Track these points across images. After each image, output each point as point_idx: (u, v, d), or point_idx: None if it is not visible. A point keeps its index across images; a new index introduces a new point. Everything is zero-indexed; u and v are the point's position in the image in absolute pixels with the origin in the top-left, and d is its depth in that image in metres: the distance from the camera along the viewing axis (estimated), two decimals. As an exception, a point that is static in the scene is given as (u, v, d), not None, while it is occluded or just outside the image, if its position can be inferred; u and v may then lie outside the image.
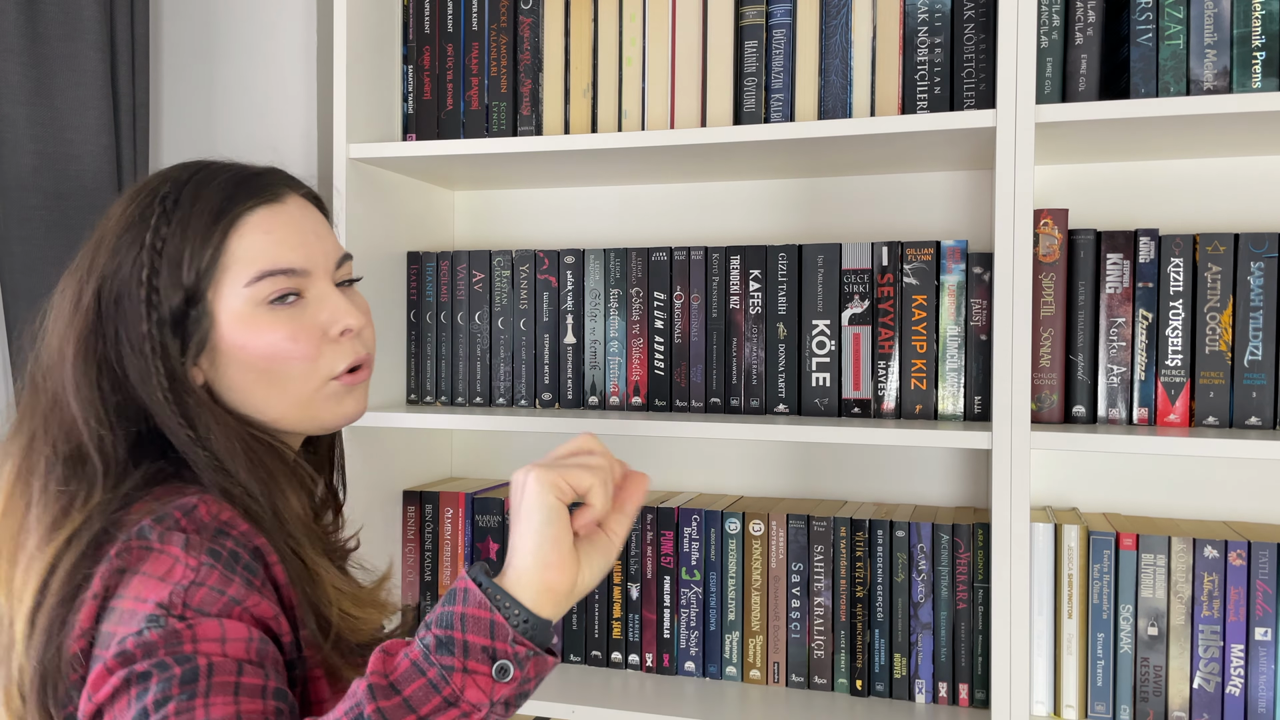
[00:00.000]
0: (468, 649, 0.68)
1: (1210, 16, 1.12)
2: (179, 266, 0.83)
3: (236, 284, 0.84)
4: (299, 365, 0.86)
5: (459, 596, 0.70)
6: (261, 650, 0.74)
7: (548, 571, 0.71)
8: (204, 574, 0.74)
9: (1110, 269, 1.21)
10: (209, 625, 0.72)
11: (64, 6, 1.45)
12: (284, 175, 0.91)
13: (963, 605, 1.26)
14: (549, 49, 1.36)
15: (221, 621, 0.73)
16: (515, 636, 0.69)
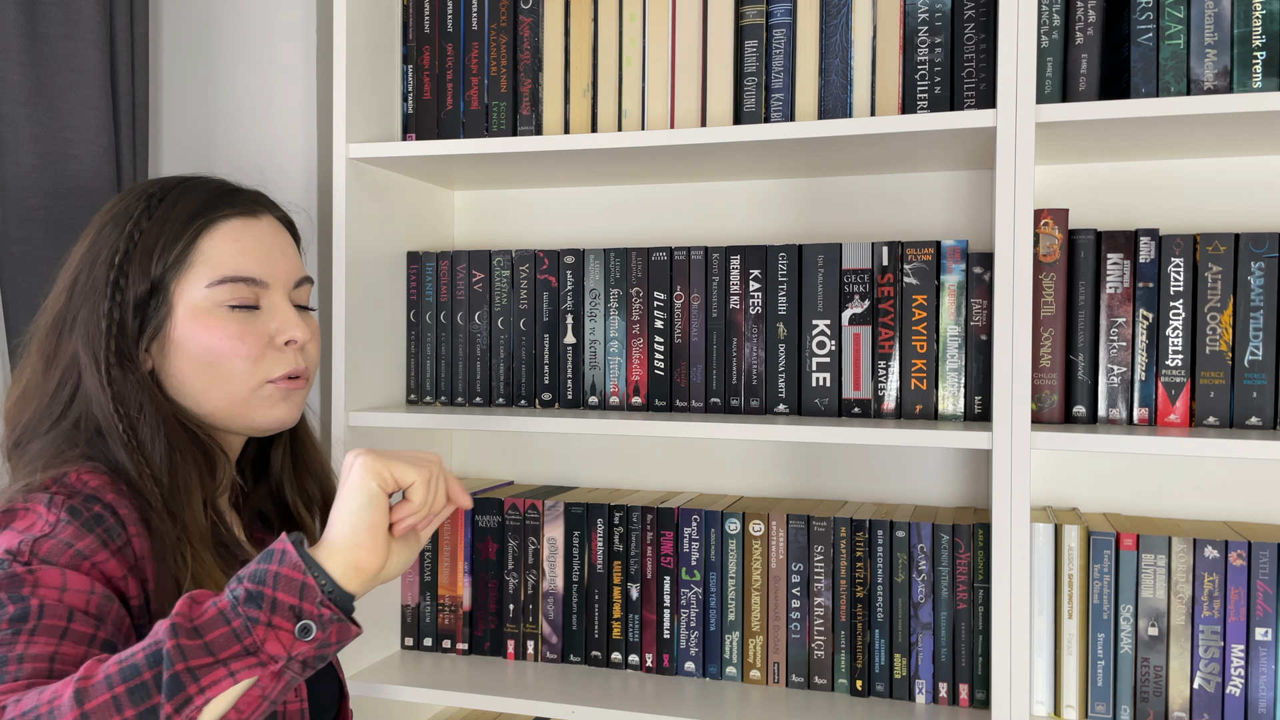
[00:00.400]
0: (275, 605, 0.72)
1: (1210, 16, 1.12)
2: (150, 256, 0.91)
3: (199, 282, 0.92)
4: (240, 364, 0.93)
5: (275, 557, 0.74)
6: (102, 606, 0.79)
7: (359, 551, 0.77)
8: (59, 529, 0.81)
9: (1110, 269, 1.21)
10: (51, 573, 0.78)
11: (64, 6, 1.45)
12: (264, 196, 1.01)
13: (963, 605, 1.26)
14: (549, 49, 1.36)
15: (64, 572, 0.78)
16: (323, 600, 0.73)
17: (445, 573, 1.46)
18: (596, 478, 1.58)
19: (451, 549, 1.46)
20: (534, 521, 1.42)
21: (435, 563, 1.46)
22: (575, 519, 1.41)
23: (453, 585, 1.46)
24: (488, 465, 1.63)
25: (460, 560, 1.45)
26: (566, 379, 1.41)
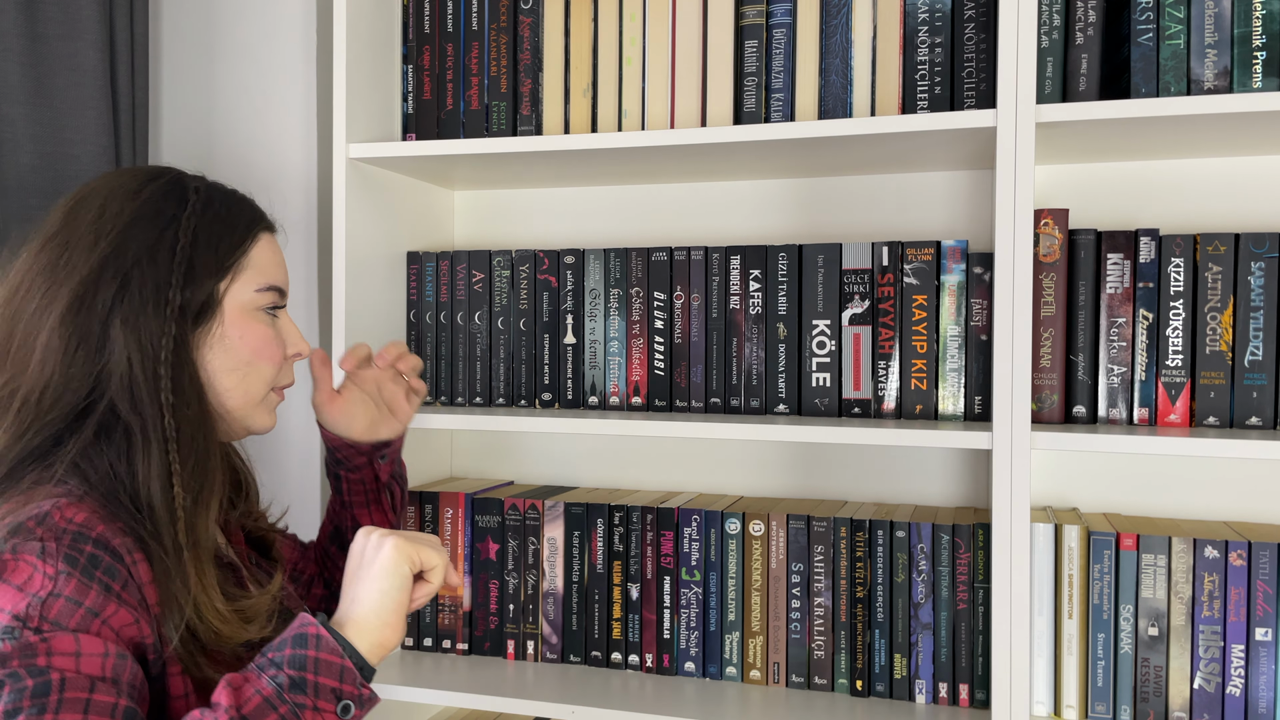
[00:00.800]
0: (318, 690, 0.78)
1: (1211, 16, 1.12)
2: (214, 251, 0.92)
3: (249, 285, 0.95)
4: (268, 368, 0.97)
5: (311, 642, 0.80)
6: (117, 667, 0.78)
7: (386, 630, 0.84)
8: (61, 584, 0.77)
9: (1111, 269, 1.21)
10: (64, 639, 0.76)
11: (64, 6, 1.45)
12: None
13: (963, 605, 1.26)
14: (549, 49, 1.36)
15: (77, 637, 0.77)
16: (360, 681, 0.80)
17: (445, 573, 1.46)
18: (596, 478, 1.58)
19: (451, 549, 1.46)
20: (534, 521, 1.42)
21: (435, 563, 1.46)
22: (575, 519, 1.41)
23: (453, 585, 1.46)
24: (488, 465, 1.63)
25: (460, 560, 1.45)
26: (566, 379, 1.41)
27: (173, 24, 1.73)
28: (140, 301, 0.88)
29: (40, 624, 0.76)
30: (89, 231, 0.89)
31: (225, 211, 0.95)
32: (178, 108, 1.73)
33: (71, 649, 0.76)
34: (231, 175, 1.69)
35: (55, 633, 0.76)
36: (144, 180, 0.94)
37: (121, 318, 0.87)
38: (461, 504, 1.46)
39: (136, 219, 0.90)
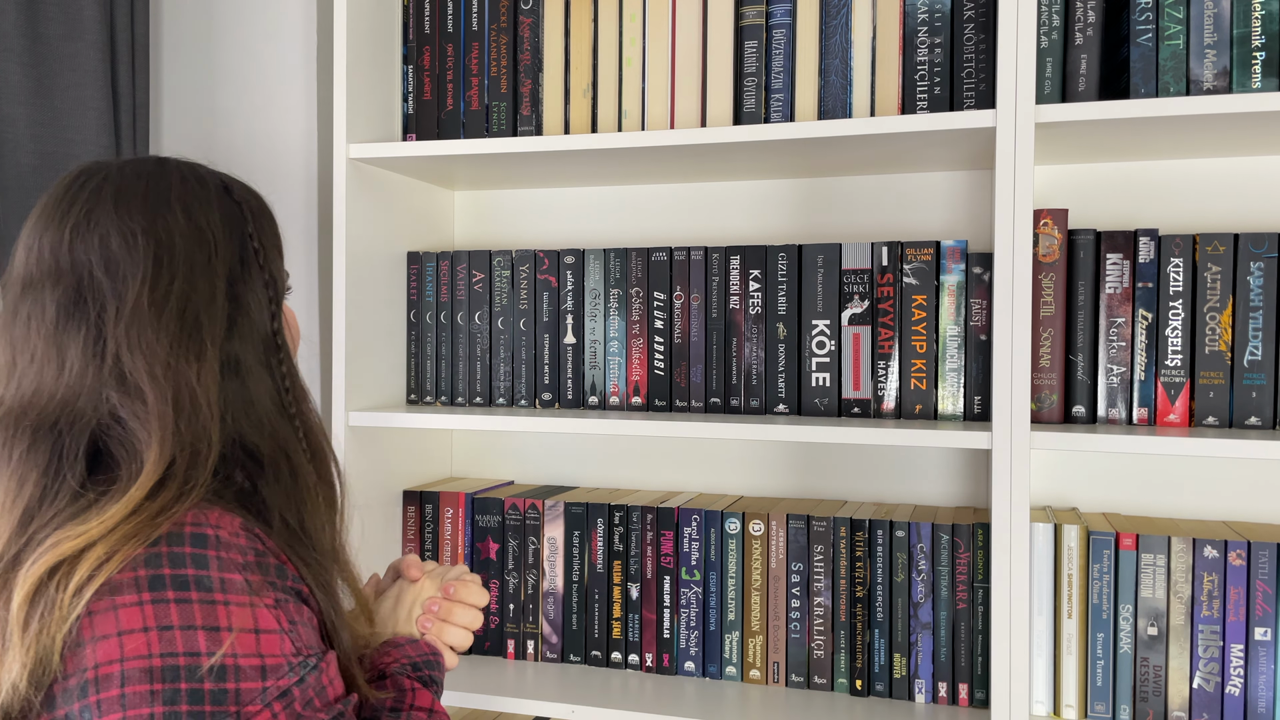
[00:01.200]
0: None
1: (1210, 16, 1.12)
2: (276, 252, 0.91)
3: (286, 277, 0.93)
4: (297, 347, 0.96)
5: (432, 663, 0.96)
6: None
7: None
8: (284, 602, 0.77)
9: (1110, 269, 1.21)
10: (330, 662, 0.78)
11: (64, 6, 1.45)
12: None
13: (963, 605, 1.26)
14: (549, 49, 1.36)
15: (328, 658, 0.79)
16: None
17: (445, 572, 1.46)
18: (596, 478, 1.58)
19: (452, 549, 1.46)
20: (534, 521, 1.43)
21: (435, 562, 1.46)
22: (575, 519, 1.41)
23: (453, 585, 1.46)
24: (488, 465, 1.63)
25: (460, 560, 1.46)
26: (566, 379, 1.41)
27: (173, 24, 1.73)
28: (256, 321, 0.85)
29: (308, 653, 0.76)
30: (199, 256, 0.82)
31: (260, 206, 0.91)
32: (178, 108, 1.73)
33: (334, 670, 0.78)
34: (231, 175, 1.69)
35: (321, 659, 0.77)
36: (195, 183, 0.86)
37: (246, 341, 0.84)
38: (461, 504, 1.46)
39: (226, 235, 0.85)
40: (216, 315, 0.81)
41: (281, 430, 0.84)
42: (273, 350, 0.85)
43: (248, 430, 0.82)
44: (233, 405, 0.81)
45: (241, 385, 0.82)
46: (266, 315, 0.86)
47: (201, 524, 0.74)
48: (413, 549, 1.48)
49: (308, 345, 1.66)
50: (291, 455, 0.84)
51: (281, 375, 0.86)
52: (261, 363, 0.84)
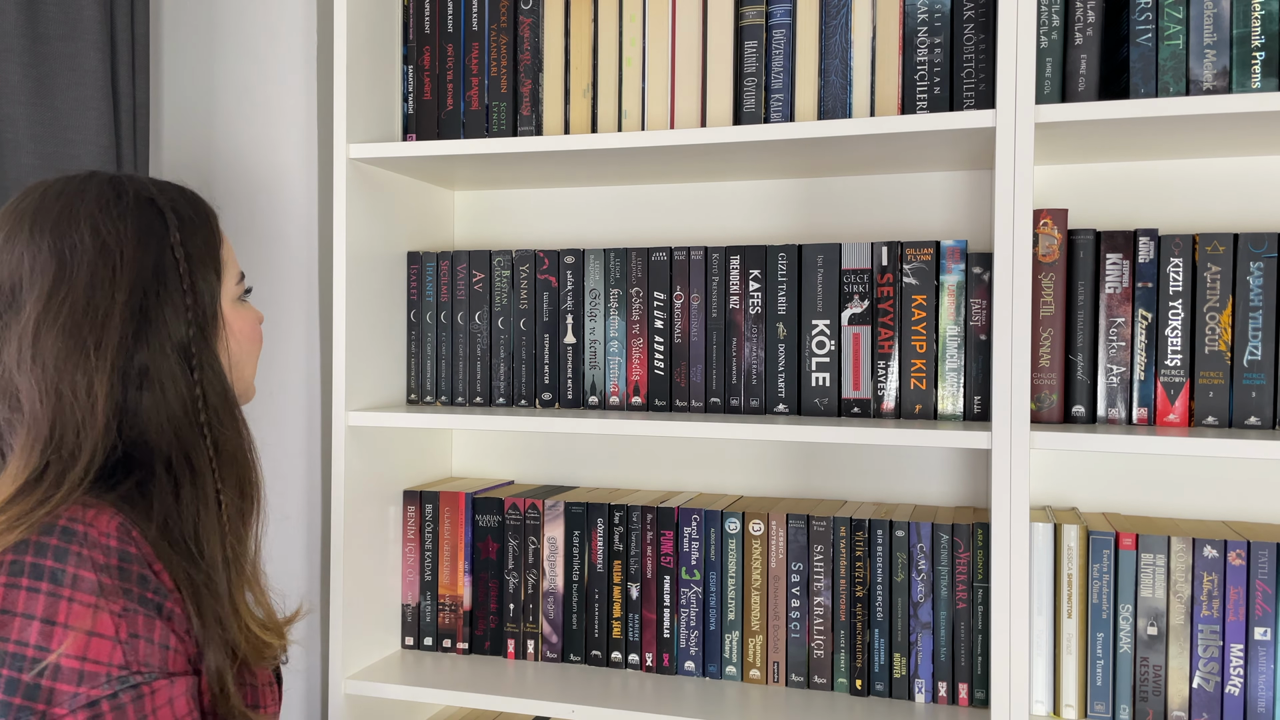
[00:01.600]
0: None
1: (1210, 16, 1.12)
2: (206, 261, 0.92)
3: (229, 280, 0.96)
4: (257, 347, 1.00)
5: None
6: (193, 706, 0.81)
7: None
8: (131, 617, 0.77)
9: (1110, 269, 1.21)
10: (162, 688, 0.78)
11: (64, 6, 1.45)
12: None
13: (962, 605, 1.26)
14: (549, 49, 1.36)
15: (171, 681, 0.79)
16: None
17: (445, 572, 1.46)
18: (596, 477, 1.58)
19: (452, 548, 1.46)
20: (534, 521, 1.43)
21: (435, 562, 1.47)
22: (575, 519, 1.41)
23: (453, 585, 1.46)
24: (488, 465, 1.63)
25: (460, 560, 1.46)
26: (566, 379, 1.41)
27: (173, 24, 1.73)
28: (166, 330, 0.87)
29: (140, 669, 0.76)
30: (102, 266, 0.85)
31: (194, 214, 0.94)
32: (178, 108, 1.73)
33: (167, 697, 0.78)
34: (231, 175, 1.69)
35: (155, 682, 0.77)
36: (110, 197, 0.89)
37: (154, 350, 0.86)
38: (462, 504, 1.46)
39: (137, 245, 0.88)
40: (114, 327, 0.84)
41: (187, 438, 0.86)
42: (186, 360, 0.88)
43: (151, 436, 0.85)
44: (132, 413, 0.85)
45: (146, 394, 0.85)
46: (183, 325, 0.88)
47: (76, 520, 0.78)
48: (413, 549, 1.48)
49: (307, 345, 1.66)
50: (194, 462, 0.86)
51: (194, 384, 0.88)
52: (173, 372, 0.86)
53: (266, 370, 1.68)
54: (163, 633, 0.79)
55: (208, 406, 0.88)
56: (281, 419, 1.67)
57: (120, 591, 0.78)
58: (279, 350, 1.68)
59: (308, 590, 1.68)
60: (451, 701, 1.31)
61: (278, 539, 1.67)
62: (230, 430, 0.90)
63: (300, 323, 1.67)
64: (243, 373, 0.98)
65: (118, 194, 0.90)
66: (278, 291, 1.67)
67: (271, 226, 1.67)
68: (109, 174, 0.93)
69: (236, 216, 1.68)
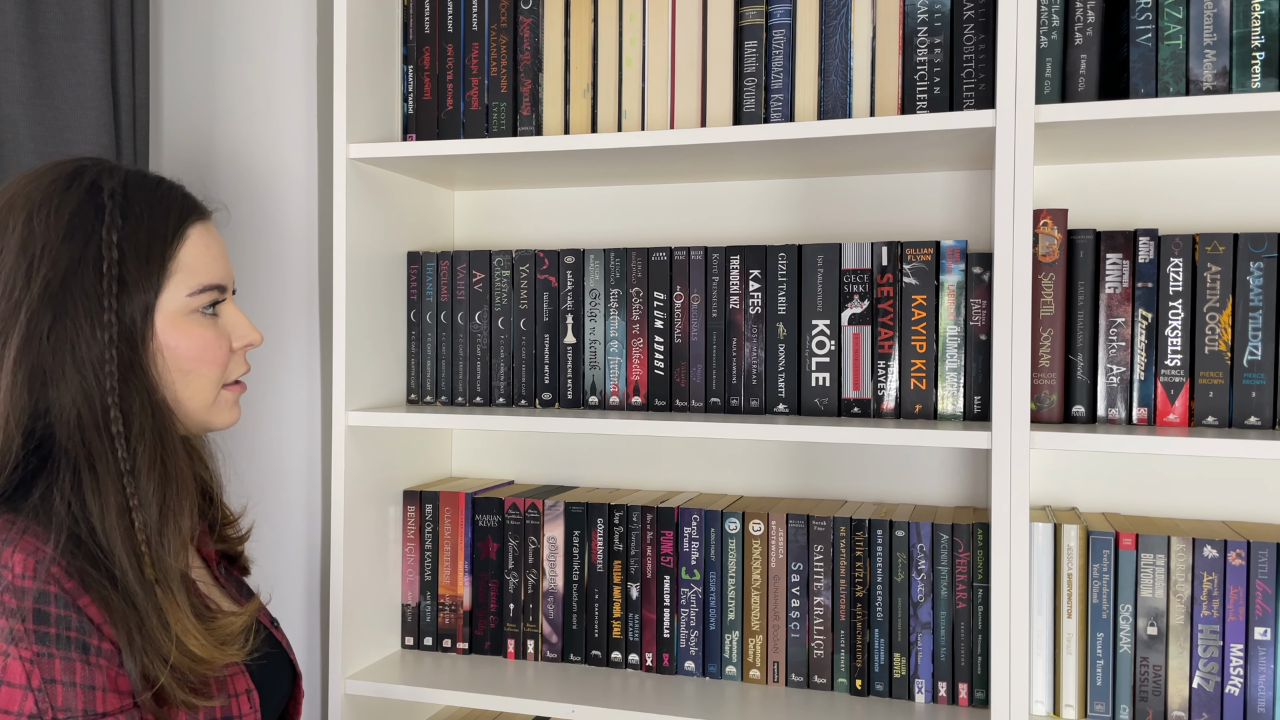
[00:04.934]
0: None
1: (1210, 16, 1.12)
2: (142, 262, 0.87)
3: (179, 290, 0.90)
4: (212, 369, 0.93)
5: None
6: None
7: None
8: (44, 663, 0.75)
9: (1110, 269, 1.21)
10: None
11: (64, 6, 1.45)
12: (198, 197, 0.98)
13: (962, 605, 1.26)
14: (549, 49, 1.36)
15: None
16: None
17: (445, 572, 1.46)
18: (596, 477, 1.58)
19: (452, 549, 1.46)
20: (534, 521, 1.43)
21: (435, 562, 1.47)
22: (575, 518, 1.41)
23: (453, 585, 1.46)
24: (488, 465, 1.63)
25: (460, 560, 1.46)
26: (566, 379, 1.41)
27: (173, 24, 1.73)
28: (75, 329, 0.83)
29: (54, 716, 0.75)
30: (21, 258, 0.83)
31: (147, 213, 0.88)
32: (178, 108, 1.73)
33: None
34: (231, 175, 1.69)
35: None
36: (60, 186, 0.87)
37: (60, 349, 0.82)
38: (461, 504, 1.46)
39: (64, 237, 0.84)
40: (20, 324, 0.82)
41: (94, 444, 0.82)
42: (100, 364, 0.83)
43: (60, 438, 0.82)
44: (41, 412, 0.82)
45: (52, 393, 0.82)
46: (98, 326, 0.83)
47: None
48: (413, 549, 1.48)
49: (307, 345, 1.66)
50: (98, 470, 0.82)
51: (106, 391, 0.83)
52: (80, 376, 0.82)
53: (267, 370, 1.68)
54: (86, 673, 0.77)
55: (125, 414, 0.84)
56: (281, 419, 1.67)
57: (33, 636, 0.75)
58: (279, 350, 1.68)
59: (308, 590, 1.68)
60: (451, 701, 1.31)
61: (278, 539, 1.67)
62: (151, 442, 0.85)
63: (300, 322, 1.67)
64: (190, 393, 0.92)
65: (69, 183, 0.86)
66: (278, 291, 1.67)
67: (271, 226, 1.67)
68: (89, 162, 0.88)
69: (236, 216, 1.68)
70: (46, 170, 0.89)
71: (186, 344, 0.90)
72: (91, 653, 0.78)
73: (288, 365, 1.67)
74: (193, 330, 0.91)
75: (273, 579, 1.68)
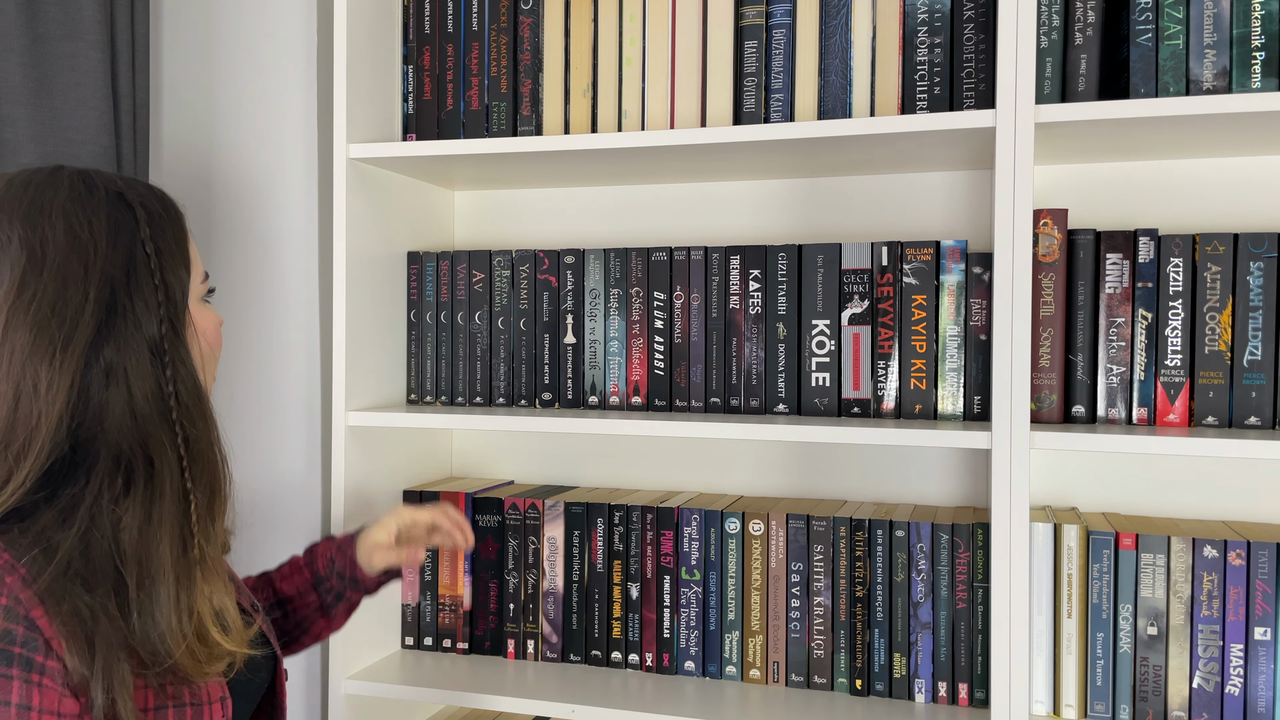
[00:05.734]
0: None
1: (1210, 16, 1.12)
2: (175, 257, 0.90)
3: (196, 279, 0.94)
4: (219, 351, 0.97)
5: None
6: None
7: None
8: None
9: (1110, 269, 1.21)
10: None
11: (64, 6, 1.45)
12: None
13: (962, 605, 1.26)
14: (549, 49, 1.36)
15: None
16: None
17: (445, 572, 1.46)
18: (596, 477, 1.58)
19: (452, 549, 1.46)
20: (534, 521, 1.43)
21: (435, 562, 1.47)
22: (575, 518, 1.41)
23: (453, 585, 1.46)
24: (488, 465, 1.63)
25: (460, 560, 1.46)
26: (566, 379, 1.41)
27: (173, 24, 1.73)
28: (136, 326, 0.85)
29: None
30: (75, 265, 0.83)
31: (163, 210, 0.91)
32: (178, 108, 1.73)
33: None
34: (232, 175, 1.69)
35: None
36: (82, 189, 0.88)
37: (125, 347, 0.84)
38: (462, 504, 1.46)
39: (110, 238, 0.86)
40: (85, 324, 0.82)
41: (153, 435, 0.84)
42: (159, 356, 0.86)
43: (110, 435, 0.82)
44: (95, 411, 0.82)
45: (112, 391, 0.83)
46: (155, 321, 0.86)
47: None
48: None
49: (307, 345, 1.66)
50: (155, 461, 0.83)
51: (165, 380, 0.86)
52: (143, 369, 0.84)
53: (267, 370, 1.68)
54: (23, 692, 0.74)
55: (180, 403, 0.86)
56: (281, 419, 1.67)
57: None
58: (279, 350, 1.68)
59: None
60: (451, 701, 1.31)
61: (278, 539, 1.67)
62: (201, 428, 0.88)
63: (300, 322, 1.67)
64: (208, 373, 0.95)
65: (89, 188, 0.88)
66: (278, 291, 1.67)
67: (271, 226, 1.67)
68: (76, 169, 0.90)
69: (236, 216, 1.68)
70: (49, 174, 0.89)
71: (208, 328, 0.94)
72: (34, 670, 0.75)
73: (288, 365, 1.67)
74: (208, 313, 0.95)
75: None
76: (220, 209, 1.70)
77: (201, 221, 1.70)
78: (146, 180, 1.56)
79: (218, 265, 1.70)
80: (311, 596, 1.17)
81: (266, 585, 1.19)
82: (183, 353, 0.88)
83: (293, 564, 1.20)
